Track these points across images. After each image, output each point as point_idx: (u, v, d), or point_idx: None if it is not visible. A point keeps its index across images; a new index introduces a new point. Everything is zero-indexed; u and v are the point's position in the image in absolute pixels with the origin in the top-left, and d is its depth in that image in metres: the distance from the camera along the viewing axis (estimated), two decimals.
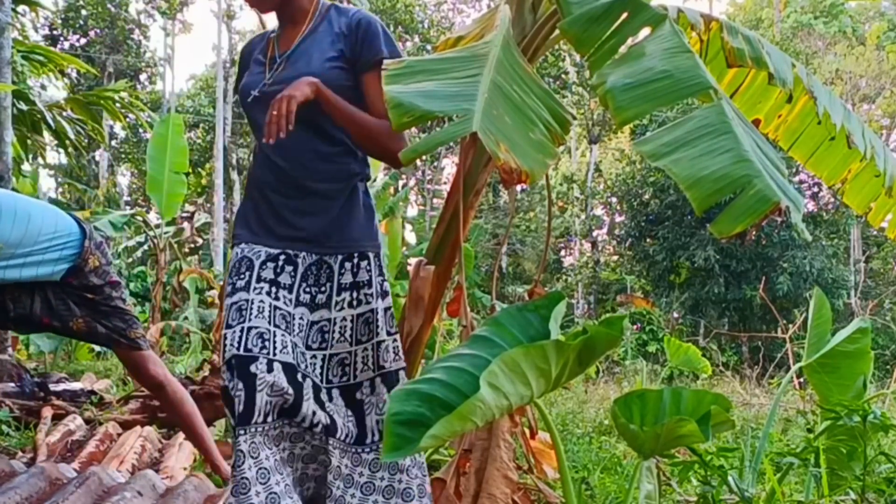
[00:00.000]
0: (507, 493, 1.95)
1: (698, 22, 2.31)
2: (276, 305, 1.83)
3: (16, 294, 2.67)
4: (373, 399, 1.92)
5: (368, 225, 1.97)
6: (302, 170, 1.90)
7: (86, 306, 2.72)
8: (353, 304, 1.91)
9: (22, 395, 4.30)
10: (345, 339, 1.90)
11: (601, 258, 22.38)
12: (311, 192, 1.90)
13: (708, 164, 1.39)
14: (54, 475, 2.76)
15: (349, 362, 1.91)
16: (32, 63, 5.84)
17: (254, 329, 1.78)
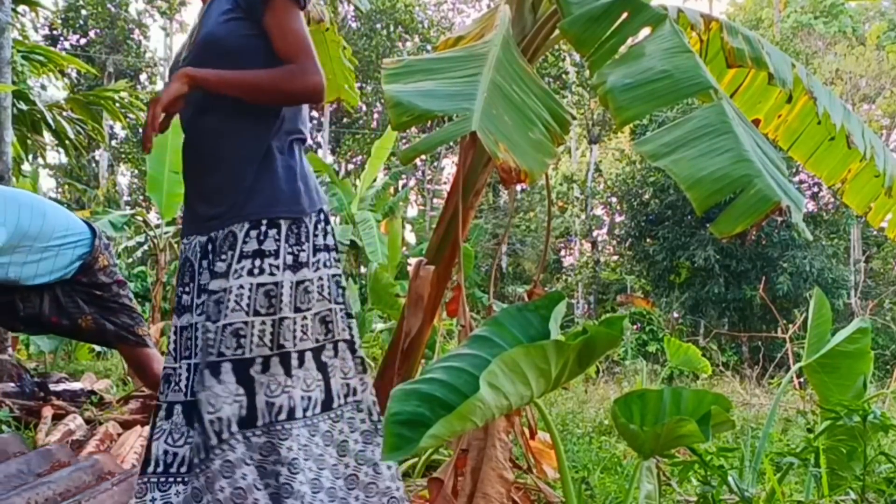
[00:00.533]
0: (502, 492, 1.95)
1: (698, 22, 2.31)
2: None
3: (25, 293, 2.71)
4: (263, 378, 1.72)
5: (288, 189, 1.79)
6: (208, 149, 1.83)
7: (94, 304, 2.79)
8: (254, 272, 1.73)
9: (22, 395, 4.29)
10: (240, 308, 1.72)
11: (601, 258, 22.37)
12: (220, 169, 1.81)
13: (708, 164, 1.39)
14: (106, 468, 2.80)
15: (244, 334, 1.72)
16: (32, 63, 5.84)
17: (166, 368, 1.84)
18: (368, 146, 20.61)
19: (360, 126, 25.71)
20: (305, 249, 1.78)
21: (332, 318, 1.82)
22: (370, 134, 24.34)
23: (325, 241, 1.84)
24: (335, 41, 5.66)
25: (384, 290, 5.21)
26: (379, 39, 23.86)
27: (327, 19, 5.55)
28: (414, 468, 3.38)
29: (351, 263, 14.53)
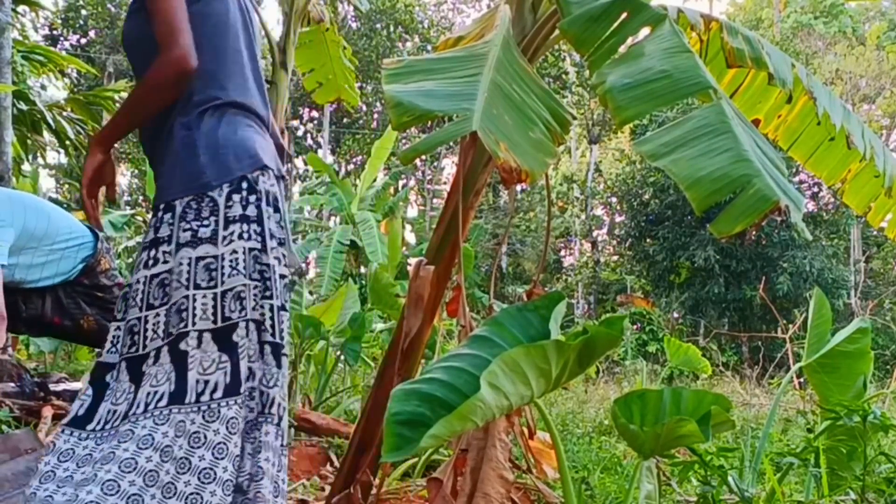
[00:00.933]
0: (501, 492, 1.95)
1: (698, 22, 2.31)
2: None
3: (27, 294, 2.74)
4: (153, 370, 1.60)
5: (187, 166, 1.68)
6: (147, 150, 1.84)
7: (96, 305, 2.85)
8: (149, 264, 1.65)
9: (22, 395, 4.29)
10: (135, 304, 1.64)
11: (601, 258, 22.38)
12: (153, 163, 1.80)
13: (707, 163, 1.39)
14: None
15: (137, 330, 1.63)
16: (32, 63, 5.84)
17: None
18: (368, 146, 20.62)
19: (360, 126, 25.71)
20: (209, 224, 1.64)
21: (246, 294, 1.65)
22: (370, 134, 24.34)
23: (245, 211, 1.67)
24: (335, 41, 5.67)
25: (384, 290, 5.21)
26: (379, 39, 23.87)
27: (327, 19, 5.55)
28: (414, 468, 3.38)
29: (351, 263, 14.53)
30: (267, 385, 1.69)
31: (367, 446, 2.35)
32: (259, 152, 1.73)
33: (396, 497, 3.02)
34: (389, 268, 10.32)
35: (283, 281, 1.73)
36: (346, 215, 14.77)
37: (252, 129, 1.77)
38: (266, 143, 1.80)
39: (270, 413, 1.68)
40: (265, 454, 1.66)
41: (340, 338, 5.09)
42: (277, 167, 1.80)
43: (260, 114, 1.83)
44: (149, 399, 1.57)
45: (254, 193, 1.68)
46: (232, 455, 1.56)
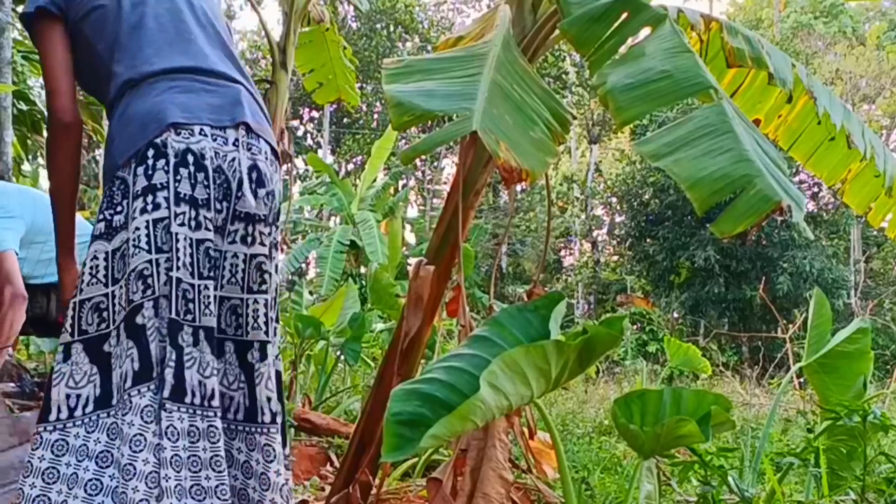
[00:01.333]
0: (501, 492, 1.95)
1: (698, 22, 2.31)
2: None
3: (32, 293, 2.73)
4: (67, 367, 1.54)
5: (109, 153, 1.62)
6: None
7: None
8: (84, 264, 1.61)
9: (22, 395, 4.29)
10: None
11: (601, 258, 22.37)
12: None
13: (708, 164, 1.39)
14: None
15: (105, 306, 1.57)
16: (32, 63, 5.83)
17: None
18: (368, 146, 20.61)
19: (360, 126, 25.71)
20: (122, 207, 1.57)
21: (150, 270, 1.53)
22: (370, 134, 24.33)
23: (151, 181, 1.55)
24: (335, 41, 5.66)
25: (384, 290, 5.20)
26: (379, 39, 23.87)
27: (327, 19, 5.55)
28: (414, 468, 3.38)
29: (351, 263, 14.53)
30: (228, 387, 1.63)
31: (367, 446, 2.35)
32: (167, 111, 1.58)
33: (396, 497, 3.02)
34: (389, 268, 10.33)
35: (202, 246, 1.57)
36: (346, 215, 14.78)
37: (174, 89, 1.63)
38: (193, 97, 1.63)
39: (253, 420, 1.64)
40: (274, 465, 1.62)
41: (340, 338, 5.08)
42: (213, 118, 1.62)
43: (196, 66, 1.69)
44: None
45: (162, 157, 1.55)
46: (151, 445, 1.47)
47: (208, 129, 1.61)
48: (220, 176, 1.60)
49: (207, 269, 1.57)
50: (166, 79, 1.65)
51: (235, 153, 1.62)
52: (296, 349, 5.14)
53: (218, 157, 1.60)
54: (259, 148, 1.66)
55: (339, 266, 13.36)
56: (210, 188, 1.58)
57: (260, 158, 1.66)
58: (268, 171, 1.67)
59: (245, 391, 1.64)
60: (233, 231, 1.62)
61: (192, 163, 1.57)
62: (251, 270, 1.63)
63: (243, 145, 1.63)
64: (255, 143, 1.66)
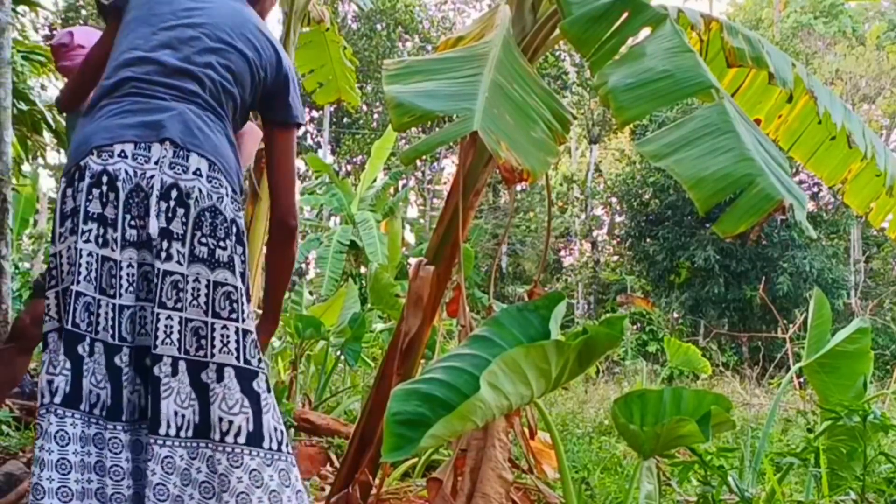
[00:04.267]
0: (501, 492, 1.95)
1: (698, 22, 2.31)
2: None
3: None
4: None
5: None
6: None
7: None
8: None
9: (22, 395, 4.29)
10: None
11: (601, 258, 22.37)
12: None
13: (710, 163, 1.39)
14: None
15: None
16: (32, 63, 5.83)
17: None
18: (368, 146, 20.61)
19: (360, 126, 25.70)
20: (58, 224, 1.64)
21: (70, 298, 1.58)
22: (370, 134, 24.33)
23: (75, 203, 1.61)
24: (335, 41, 5.66)
25: (384, 290, 5.20)
26: (379, 40, 23.85)
27: (327, 19, 5.55)
28: (414, 468, 3.38)
29: (351, 263, 14.53)
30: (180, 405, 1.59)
31: (367, 446, 2.35)
32: (95, 135, 1.64)
33: (396, 497, 3.02)
34: (389, 268, 10.33)
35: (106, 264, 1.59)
36: (346, 215, 14.78)
37: (112, 111, 1.66)
38: (126, 117, 1.65)
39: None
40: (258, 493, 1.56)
41: (340, 338, 5.08)
42: (138, 135, 1.63)
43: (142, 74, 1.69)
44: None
45: (82, 180, 1.61)
46: (50, 463, 1.53)
47: (130, 147, 1.63)
48: (139, 194, 1.62)
49: (109, 287, 1.60)
50: (108, 100, 1.69)
51: (154, 171, 1.61)
52: (296, 349, 5.15)
53: (136, 177, 1.61)
54: (185, 166, 1.63)
55: (339, 266, 13.36)
56: (119, 208, 1.61)
57: (184, 177, 1.62)
58: (197, 187, 1.62)
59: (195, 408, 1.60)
60: (155, 245, 1.61)
61: (105, 182, 1.61)
62: (167, 287, 1.60)
63: (165, 164, 1.62)
64: (181, 161, 1.63)
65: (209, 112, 1.72)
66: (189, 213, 1.61)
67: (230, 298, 1.63)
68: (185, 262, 1.61)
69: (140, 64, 1.71)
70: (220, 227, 1.64)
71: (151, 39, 1.74)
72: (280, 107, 1.84)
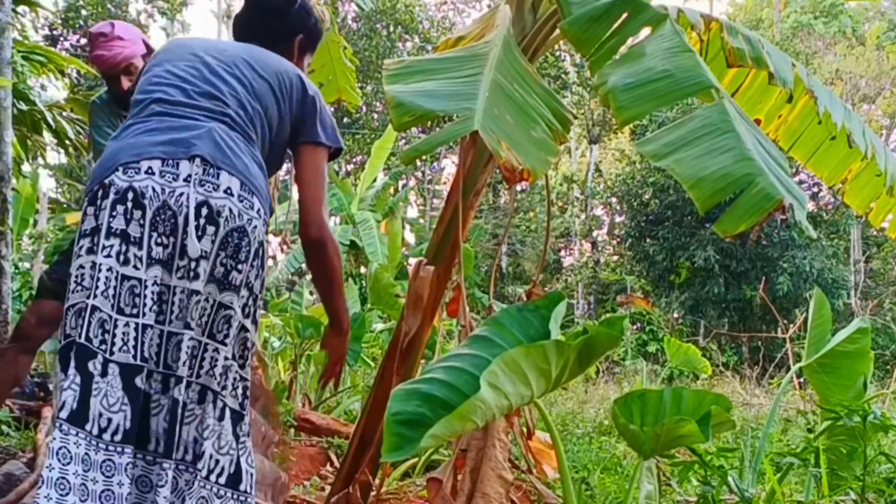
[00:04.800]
0: (501, 492, 1.95)
1: (698, 22, 2.31)
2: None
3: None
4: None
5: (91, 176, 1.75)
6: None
7: None
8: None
9: (22, 395, 4.30)
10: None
11: (601, 258, 22.36)
12: None
13: (710, 163, 1.39)
14: None
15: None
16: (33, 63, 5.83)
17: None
18: (368, 146, 20.60)
19: (360, 126, 25.70)
20: (76, 243, 1.65)
21: (85, 312, 1.57)
22: (370, 134, 24.32)
23: (97, 222, 1.60)
24: (336, 41, 5.65)
25: (384, 290, 5.20)
26: (379, 40, 23.85)
27: (328, 19, 5.54)
28: (414, 468, 3.38)
29: (351, 263, 14.52)
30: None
31: (367, 446, 2.35)
32: (121, 152, 1.63)
33: (396, 497, 3.02)
34: (389, 268, 10.32)
35: (127, 283, 1.57)
36: (346, 215, 14.77)
37: (139, 128, 1.67)
38: (155, 135, 1.65)
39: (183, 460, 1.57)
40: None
41: None
42: (166, 151, 1.61)
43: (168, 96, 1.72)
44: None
45: (106, 198, 1.60)
46: (49, 480, 1.50)
47: (158, 164, 1.60)
48: (167, 211, 1.59)
49: (130, 306, 1.57)
50: (136, 119, 1.70)
51: (185, 189, 1.59)
52: (296, 349, 5.15)
53: (164, 194, 1.59)
54: (216, 184, 1.61)
55: None
56: (145, 227, 1.58)
57: (214, 195, 1.60)
58: (228, 206, 1.61)
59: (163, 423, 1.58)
60: (181, 266, 1.59)
61: (131, 199, 1.58)
62: (192, 306, 1.58)
63: (195, 181, 1.60)
64: (212, 178, 1.61)
65: (237, 132, 1.71)
66: (218, 232, 1.59)
67: (228, 322, 1.60)
68: (202, 280, 1.58)
69: (168, 86, 1.73)
70: (243, 249, 1.61)
71: (179, 66, 1.77)
72: (308, 129, 1.84)
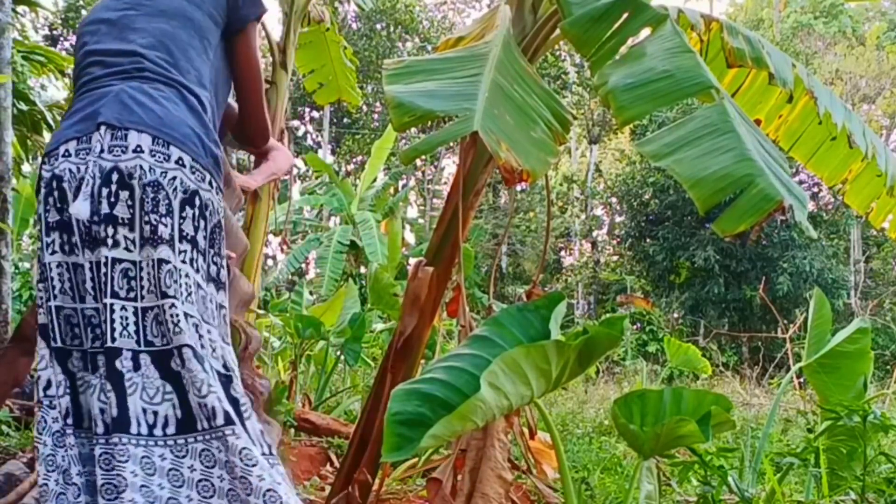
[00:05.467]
0: (500, 492, 1.95)
1: (698, 22, 2.31)
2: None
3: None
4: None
5: None
6: None
7: None
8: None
9: (22, 395, 4.29)
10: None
11: (601, 258, 22.36)
12: None
13: (710, 163, 1.40)
14: None
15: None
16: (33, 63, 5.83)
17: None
18: (368, 146, 20.60)
19: (360, 126, 25.70)
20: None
21: (41, 303, 1.59)
22: (370, 134, 24.32)
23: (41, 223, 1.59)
24: (336, 41, 5.65)
25: (384, 290, 5.20)
26: (379, 40, 23.85)
27: (328, 19, 5.54)
28: (414, 468, 3.38)
29: (351, 263, 14.53)
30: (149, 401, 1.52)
31: (367, 446, 2.35)
32: (50, 142, 1.61)
33: (396, 497, 3.01)
34: (389, 268, 10.32)
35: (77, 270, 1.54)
36: (346, 215, 14.78)
37: (66, 114, 1.65)
38: (75, 115, 1.61)
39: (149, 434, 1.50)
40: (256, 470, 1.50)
41: (340, 338, 5.08)
42: (80, 129, 1.57)
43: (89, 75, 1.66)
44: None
45: (40, 193, 1.59)
46: (60, 468, 1.55)
47: (73, 144, 1.57)
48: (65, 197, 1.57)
49: (83, 292, 1.55)
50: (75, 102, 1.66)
51: (96, 160, 1.53)
52: (296, 349, 5.15)
53: (80, 172, 1.55)
54: (124, 146, 1.53)
55: (338, 266, 13.37)
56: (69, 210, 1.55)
57: (123, 158, 1.52)
58: (138, 164, 1.52)
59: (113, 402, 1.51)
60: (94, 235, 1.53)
61: (56, 187, 1.56)
62: (116, 276, 1.51)
63: (106, 148, 1.54)
64: (119, 142, 1.54)
65: (156, 83, 1.62)
66: (134, 194, 1.51)
67: (172, 276, 1.52)
68: (135, 247, 1.51)
69: (89, 65, 1.68)
70: (161, 202, 1.52)
71: (95, 35, 1.71)
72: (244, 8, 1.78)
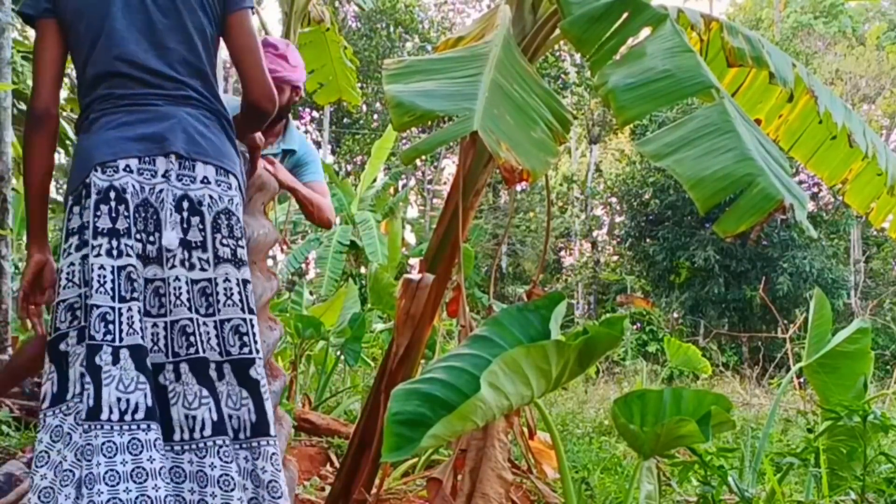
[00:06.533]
0: (500, 492, 1.95)
1: (698, 22, 2.31)
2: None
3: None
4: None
5: (71, 171, 1.77)
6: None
7: None
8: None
9: (22, 395, 4.29)
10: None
11: (601, 258, 22.36)
12: None
13: (711, 163, 1.39)
14: None
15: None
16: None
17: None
18: (368, 146, 20.60)
19: (360, 126, 25.70)
20: (63, 240, 1.70)
21: (80, 304, 1.65)
22: (370, 134, 24.32)
23: (83, 219, 1.65)
24: (336, 41, 5.66)
25: (384, 291, 5.21)
26: (379, 40, 23.84)
27: (327, 19, 5.55)
28: (414, 468, 3.38)
29: (351, 263, 14.53)
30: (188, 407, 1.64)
31: (367, 446, 2.35)
32: (97, 151, 1.65)
33: (396, 497, 3.01)
34: (389, 268, 10.33)
35: (123, 272, 1.61)
36: (346, 215, 14.76)
37: (109, 124, 1.67)
38: (125, 130, 1.66)
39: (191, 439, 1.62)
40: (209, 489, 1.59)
41: (340, 338, 5.08)
42: (141, 149, 1.65)
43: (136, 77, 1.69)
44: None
45: (88, 197, 1.64)
46: (53, 463, 1.58)
47: (135, 162, 1.65)
48: (148, 209, 1.65)
49: (130, 291, 1.62)
50: (106, 112, 1.69)
51: (164, 185, 1.65)
52: (296, 349, 5.14)
53: (144, 192, 1.65)
54: (192, 176, 1.67)
55: (338, 266, 13.36)
56: (130, 218, 1.63)
57: (193, 187, 1.66)
58: (207, 194, 1.67)
59: (210, 406, 1.64)
60: (171, 257, 1.65)
61: (114, 198, 1.63)
62: (195, 294, 1.65)
63: (173, 177, 1.66)
64: (188, 171, 1.67)
65: (203, 109, 1.74)
66: (205, 220, 1.66)
67: (253, 295, 1.72)
68: (210, 266, 1.66)
69: (122, 75, 1.69)
70: (235, 227, 1.70)
71: (113, 35, 1.69)
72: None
